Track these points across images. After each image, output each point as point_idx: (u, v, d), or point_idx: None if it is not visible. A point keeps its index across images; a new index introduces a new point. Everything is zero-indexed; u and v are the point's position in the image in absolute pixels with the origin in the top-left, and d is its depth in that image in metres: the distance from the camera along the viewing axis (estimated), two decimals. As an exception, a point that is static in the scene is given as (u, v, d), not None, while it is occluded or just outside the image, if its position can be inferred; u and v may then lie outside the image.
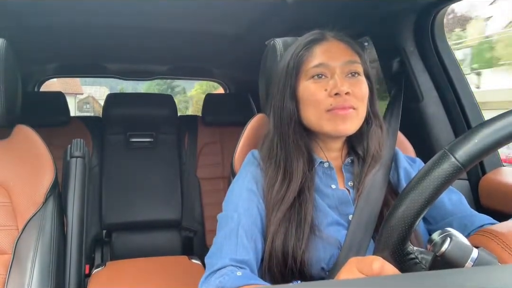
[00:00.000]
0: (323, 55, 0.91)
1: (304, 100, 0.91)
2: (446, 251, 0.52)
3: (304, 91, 0.91)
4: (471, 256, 0.51)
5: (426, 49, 1.36)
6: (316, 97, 0.89)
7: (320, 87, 0.89)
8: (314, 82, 0.90)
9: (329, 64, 0.90)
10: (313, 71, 0.90)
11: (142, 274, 1.63)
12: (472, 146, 0.53)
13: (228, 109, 2.49)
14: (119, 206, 2.22)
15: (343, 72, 0.90)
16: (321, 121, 0.89)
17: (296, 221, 0.85)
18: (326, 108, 0.88)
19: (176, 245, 2.24)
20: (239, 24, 1.77)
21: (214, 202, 2.33)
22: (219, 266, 0.81)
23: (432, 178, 0.53)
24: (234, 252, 0.83)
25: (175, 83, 13.90)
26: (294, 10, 1.46)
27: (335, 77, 0.89)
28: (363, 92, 0.90)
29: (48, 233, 1.09)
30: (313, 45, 0.93)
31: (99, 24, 1.77)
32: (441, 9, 1.29)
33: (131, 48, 2.21)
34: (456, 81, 1.34)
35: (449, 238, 0.52)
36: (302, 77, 0.92)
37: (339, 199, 0.92)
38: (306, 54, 0.92)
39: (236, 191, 0.92)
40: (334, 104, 0.87)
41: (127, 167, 2.29)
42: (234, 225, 0.86)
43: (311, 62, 0.91)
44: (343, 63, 0.90)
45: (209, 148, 2.46)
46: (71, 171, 1.26)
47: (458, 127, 1.34)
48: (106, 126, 2.37)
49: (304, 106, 0.91)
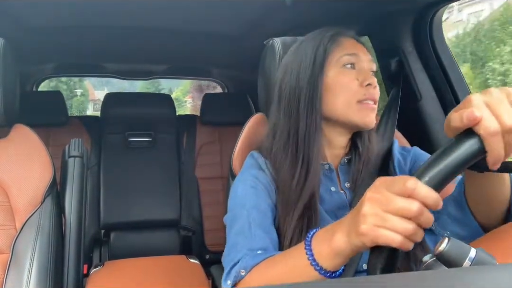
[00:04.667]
0: (352, 46, 0.92)
1: (333, 88, 0.90)
2: (444, 250, 0.52)
3: (334, 79, 0.90)
4: (469, 256, 0.51)
5: (424, 48, 1.36)
6: (348, 86, 0.89)
7: (352, 77, 0.89)
8: (346, 71, 0.90)
9: (360, 55, 0.91)
10: (346, 59, 0.90)
11: (140, 273, 1.63)
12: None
13: (226, 109, 2.49)
14: (117, 205, 2.21)
15: (368, 67, 0.91)
16: (349, 110, 0.88)
17: (307, 222, 0.84)
18: (358, 98, 0.88)
19: (175, 244, 2.24)
20: (238, 24, 1.77)
21: (213, 201, 2.33)
22: (238, 259, 0.78)
23: None
24: (250, 244, 0.80)
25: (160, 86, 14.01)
26: (292, 10, 1.46)
27: (363, 70, 0.90)
28: (379, 91, 0.92)
29: (46, 233, 1.09)
30: (339, 37, 0.92)
31: (98, 24, 1.77)
32: (439, 9, 1.30)
33: (130, 48, 2.21)
34: (454, 81, 1.34)
35: (447, 237, 0.53)
36: (331, 66, 0.90)
37: (336, 204, 0.91)
38: (334, 43, 0.91)
39: (240, 190, 0.90)
40: (367, 94, 0.88)
41: (125, 167, 2.29)
42: (245, 221, 0.84)
43: (342, 51, 0.91)
44: (369, 59, 0.92)
45: (207, 148, 2.45)
46: (69, 170, 1.25)
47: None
48: (104, 126, 2.36)
49: (332, 94, 0.90)
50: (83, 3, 1.49)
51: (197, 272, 1.66)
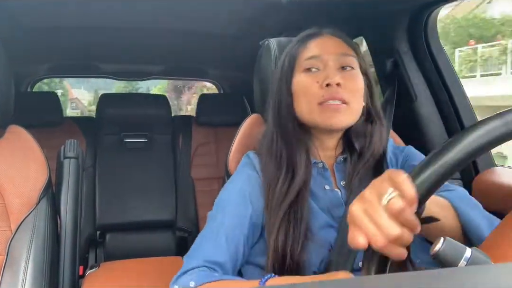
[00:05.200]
0: (316, 48, 0.92)
1: (297, 93, 0.91)
2: (439, 250, 0.52)
3: (298, 84, 0.91)
4: (464, 256, 0.51)
5: (419, 49, 1.37)
6: (308, 90, 0.89)
7: (312, 80, 0.89)
8: (307, 74, 0.91)
9: (322, 56, 0.90)
10: (306, 64, 0.91)
11: (136, 275, 1.62)
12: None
13: (222, 110, 2.49)
14: (113, 206, 2.21)
15: (335, 64, 0.90)
16: (313, 114, 0.89)
17: (293, 220, 0.84)
18: (318, 100, 0.88)
19: (170, 245, 2.23)
20: (234, 25, 1.77)
21: (209, 202, 2.28)
22: (192, 266, 0.81)
23: None
24: (210, 254, 0.82)
25: (138, 85, 13.97)
26: (288, 11, 1.46)
27: (327, 69, 0.89)
28: (356, 86, 0.90)
29: (41, 234, 1.09)
30: (308, 39, 0.94)
31: (93, 24, 1.77)
32: (434, 9, 1.30)
33: (125, 49, 2.21)
34: (449, 81, 1.34)
35: (443, 238, 0.53)
36: (296, 71, 0.92)
37: (331, 202, 0.91)
38: (300, 48, 0.93)
39: (227, 192, 0.92)
40: (326, 95, 0.87)
41: (121, 168, 2.29)
42: (216, 226, 0.86)
43: (305, 55, 0.92)
44: (336, 55, 0.91)
45: (203, 149, 2.45)
46: (64, 172, 1.25)
47: (451, 126, 1.35)
48: (99, 127, 2.36)
49: (298, 99, 0.91)
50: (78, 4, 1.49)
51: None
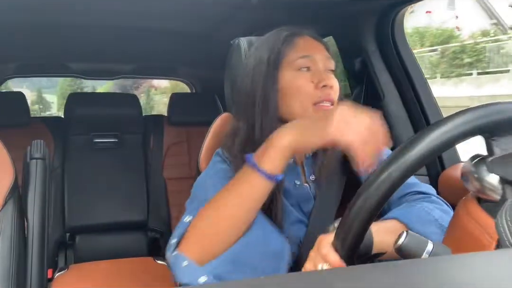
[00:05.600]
0: (306, 47, 0.92)
1: (288, 92, 0.90)
2: (402, 244, 0.53)
3: (289, 83, 0.90)
4: (426, 249, 0.53)
5: (386, 48, 1.40)
6: (302, 89, 0.89)
7: (306, 79, 0.89)
8: (300, 74, 0.90)
9: (314, 56, 0.91)
10: (300, 63, 0.90)
11: (105, 276, 1.60)
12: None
13: (194, 109, 2.47)
14: (83, 208, 2.17)
15: (324, 66, 0.91)
16: (305, 113, 0.88)
17: (269, 216, 0.84)
18: (314, 100, 0.88)
19: (142, 246, 2.21)
20: (205, 23, 1.76)
21: (181, 202, 2.25)
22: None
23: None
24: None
25: (84, 84, 13.61)
26: (258, 10, 1.47)
27: (318, 70, 0.90)
28: (338, 89, 0.92)
29: (8, 237, 1.06)
30: (294, 38, 0.93)
31: (61, 22, 1.73)
32: (400, 9, 1.33)
33: (96, 47, 2.17)
34: (415, 80, 1.38)
35: (405, 232, 0.54)
36: (284, 68, 0.91)
37: (301, 196, 0.93)
38: (288, 46, 0.92)
39: (203, 185, 0.91)
40: (322, 96, 0.88)
41: (91, 168, 2.24)
42: (197, 204, 0.84)
43: (295, 54, 0.91)
44: (324, 57, 0.92)
45: (175, 148, 2.43)
46: (31, 173, 1.22)
47: (418, 124, 1.38)
48: (68, 127, 2.30)
49: (288, 98, 0.90)
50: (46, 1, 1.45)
51: (164, 273, 1.65)
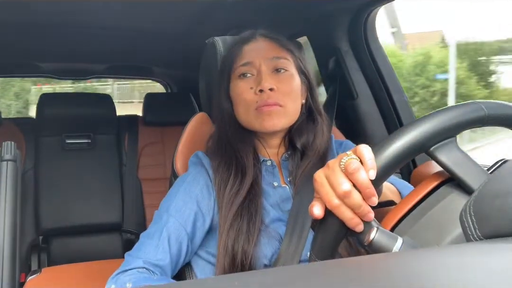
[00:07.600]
0: (249, 53, 0.94)
1: (235, 100, 0.94)
2: (373, 239, 0.55)
3: (234, 91, 0.94)
4: (396, 244, 0.55)
5: (359, 48, 1.42)
6: (243, 96, 0.92)
7: (246, 86, 0.92)
8: (241, 81, 0.93)
9: (254, 61, 0.92)
10: (240, 70, 0.93)
11: (79, 279, 1.57)
12: None
13: (169, 109, 2.46)
14: (56, 210, 2.12)
15: (268, 68, 0.92)
16: (249, 119, 0.92)
17: (247, 215, 0.86)
18: (254, 106, 0.90)
19: (117, 248, 2.18)
20: (179, 23, 1.75)
21: (156, 203, 2.21)
22: (132, 267, 0.82)
23: None
24: (151, 255, 0.83)
25: None
26: (233, 10, 1.47)
27: (260, 74, 0.91)
28: (290, 88, 0.93)
29: (-23, 241, 1.03)
30: (241, 44, 0.96)
31: (32, 21, 1.69)
32: (373, 10, 1.35)
33: (68, 47, 2.12)
34: (388, 80, 1.40)
35: (376, 227, 0.56)
36: (232, 77, 0.95)
37: (280, 197, 0.94)
38: (235, 54, 0.95)
39: (173, 191, 0.93)
40: (260, 101, 0.89)
41: (63, 170, 2.20)
42: (160, 226, 0.86)
43: (239, 62, 0.94)
44: (268, 59, 0.93)
45: (150, 149, 2.41)
46: (1, 175, 1.19)
47: (390, 123, 1.41)
48: (40, 128, 2.26)
49: (236, 106, 0.94)
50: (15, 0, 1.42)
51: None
